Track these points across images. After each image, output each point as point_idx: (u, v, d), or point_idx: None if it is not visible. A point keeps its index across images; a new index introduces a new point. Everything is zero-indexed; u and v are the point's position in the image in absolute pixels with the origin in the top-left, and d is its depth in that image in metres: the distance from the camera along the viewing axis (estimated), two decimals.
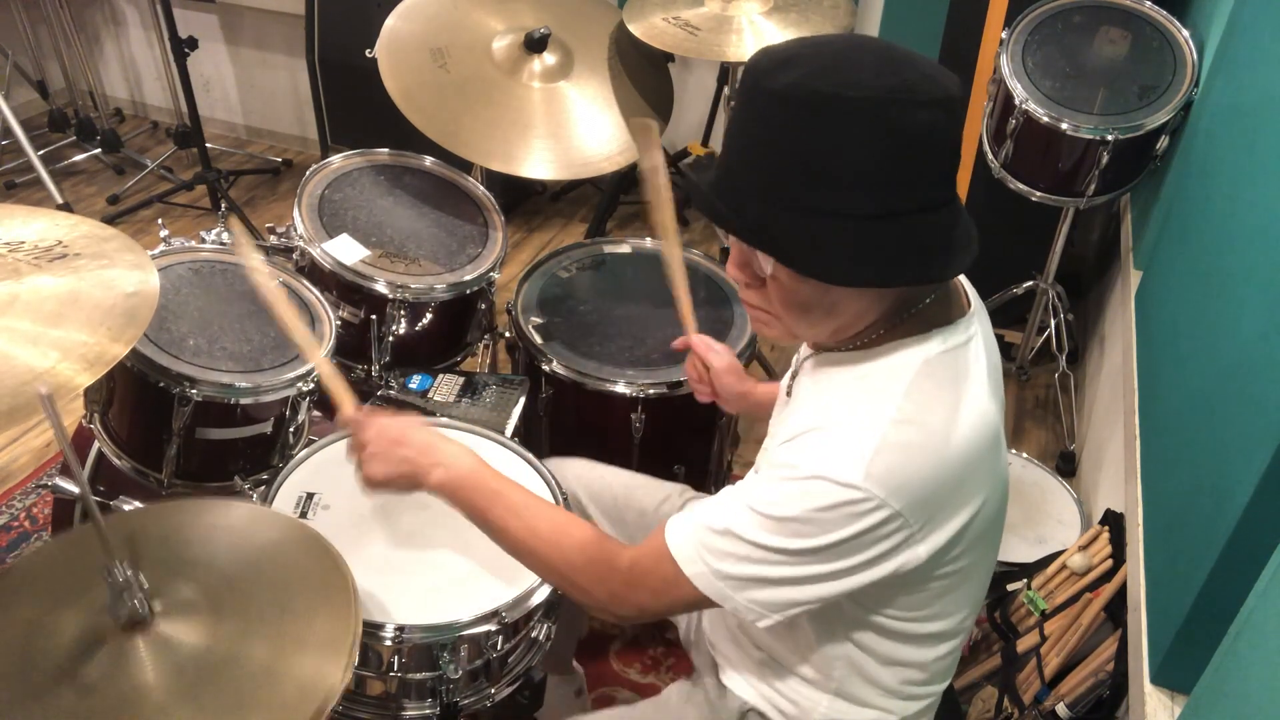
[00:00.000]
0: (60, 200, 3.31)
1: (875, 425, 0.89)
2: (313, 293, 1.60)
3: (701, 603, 0.95)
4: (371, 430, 1.12)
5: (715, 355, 1.41)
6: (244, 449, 1.49)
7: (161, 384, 1.37)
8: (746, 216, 0.89)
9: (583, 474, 1.46)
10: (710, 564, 0.93)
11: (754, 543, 0.91)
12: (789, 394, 1.10)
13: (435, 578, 1.26)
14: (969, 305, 1.00)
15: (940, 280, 0.96)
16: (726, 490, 0.97)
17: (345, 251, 1.71)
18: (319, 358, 1.29)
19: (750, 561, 0.91)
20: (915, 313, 0.95)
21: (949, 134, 0.87)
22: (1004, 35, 2.15)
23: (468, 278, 1.76)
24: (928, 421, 0.90)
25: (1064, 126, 2.04)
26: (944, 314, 0.97)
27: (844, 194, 0.85)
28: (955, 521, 0.92)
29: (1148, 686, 1.17)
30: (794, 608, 0.94)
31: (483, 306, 1.86)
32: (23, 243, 1.15)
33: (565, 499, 1.38)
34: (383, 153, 1.96)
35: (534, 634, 1.33)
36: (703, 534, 0.94)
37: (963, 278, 1.04)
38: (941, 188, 0.89)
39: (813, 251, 0.88)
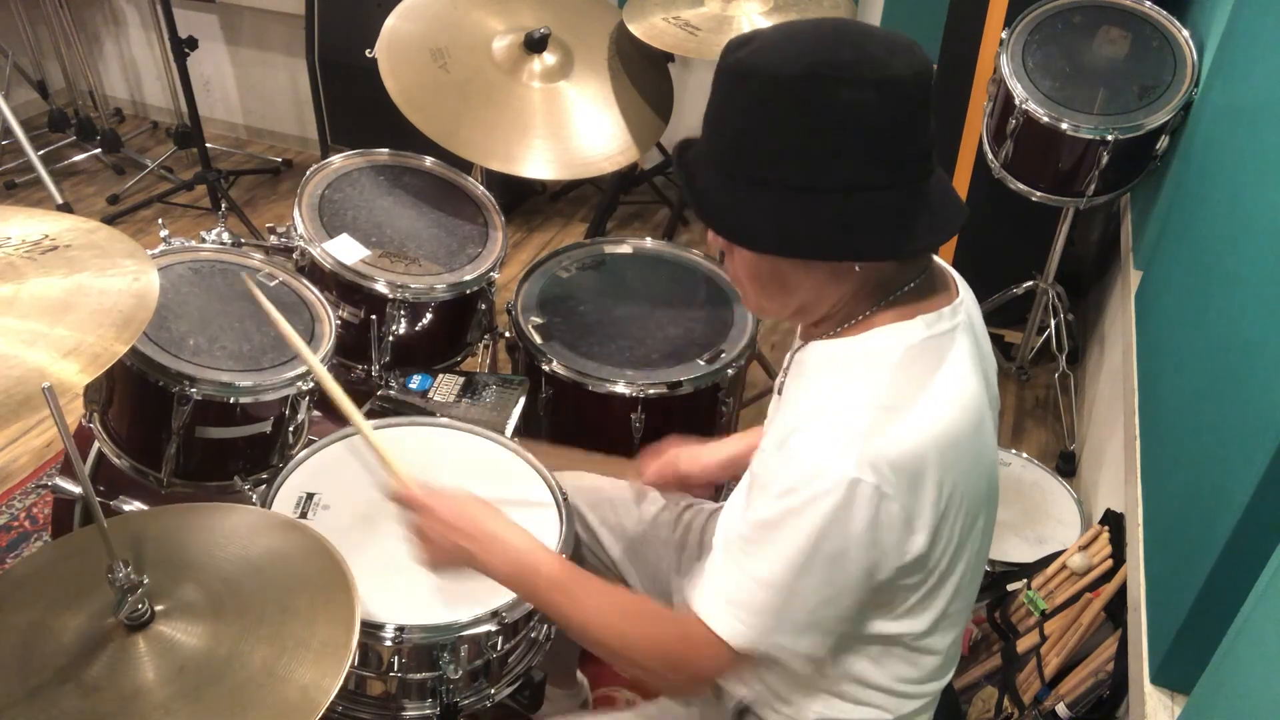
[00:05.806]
0: (60, 200, 3.31)
1: (860, 415, 0.89)
2: (313, 293, 1.60)
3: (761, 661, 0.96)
4: (425, 515, 1.11)
5: (674, 464, 1.36)
6: (244, 448, 1.49)
7: (161, 383, 1.37)
8: (695, 182, 0.94)
9: (583, 484, 1.46)
10: (748, 621, 0.93)
11: (775, 582, 0.91)
12: (779, 392, 1.10)
13: (435, 578, 1.26)
14: (957, 293, 1.00)
15: (867, 260, 0.93)
16: (722, 541, 0.96)
17: (345, 251, 1.71)
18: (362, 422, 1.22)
19: (782, 602, 0.92)
20: (897, 297, 0.96)
21: (879, 113, 0.86)
22: (1004, 35, 2.15)
23: (468, 278, 1.76)
24: (913, 407, 0.90)
25: (1064, 126, 2.04)
26: (928, 300, 0.97)
27: (766, 164, 0.89)
28: (943, 506, 0.93)
29: (1148, 686, 1.17)
30: (837, 626, 0.95)
31: (483, 306, 1.86)
32: (22, 238, 1.15)
33: (565, 498, 1.38)
34: (383, 153, 1.96)
35: (534, 634, 1.33)
36: (729, 595, 0.94)
37: (950, 269, 1.04)
38: (877, 168, 0.88)
39: (733, 215, 0.92)
